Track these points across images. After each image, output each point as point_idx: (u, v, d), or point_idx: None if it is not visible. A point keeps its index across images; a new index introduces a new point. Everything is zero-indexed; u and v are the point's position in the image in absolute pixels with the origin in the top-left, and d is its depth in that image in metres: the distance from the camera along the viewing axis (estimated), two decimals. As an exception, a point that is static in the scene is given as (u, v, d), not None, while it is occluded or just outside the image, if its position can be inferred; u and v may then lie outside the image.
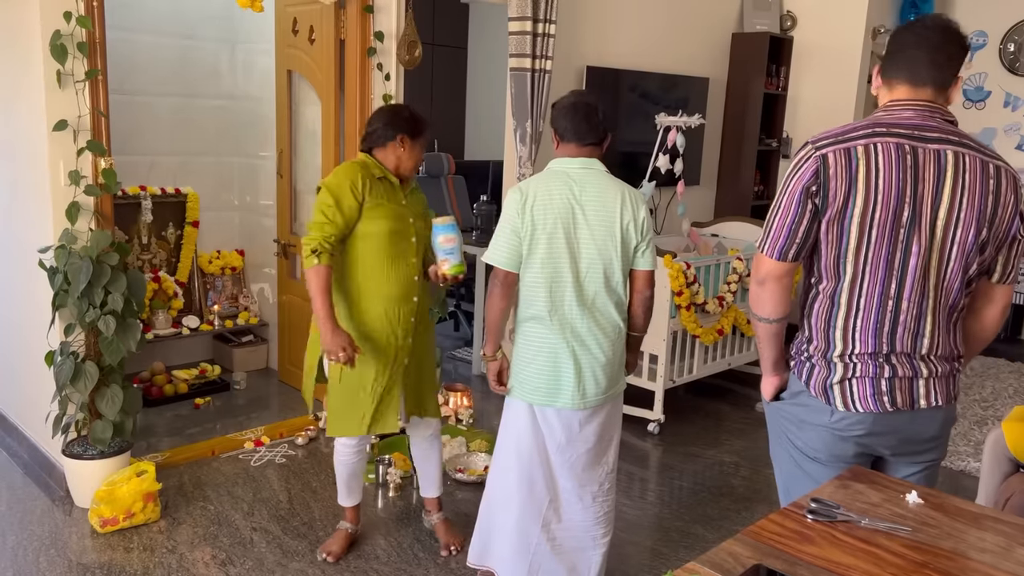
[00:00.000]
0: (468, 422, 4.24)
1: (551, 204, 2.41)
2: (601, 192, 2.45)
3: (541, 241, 2.41)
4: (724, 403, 4.83)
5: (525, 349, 2.51)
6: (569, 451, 2.54)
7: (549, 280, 2.43)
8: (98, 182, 3.17)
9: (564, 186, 2.43)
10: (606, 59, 5.14)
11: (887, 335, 1.85)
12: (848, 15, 5.83)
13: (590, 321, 2.46)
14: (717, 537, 3.23)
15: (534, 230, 2.41)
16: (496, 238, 2.47)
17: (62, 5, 3.00)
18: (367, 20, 3.98)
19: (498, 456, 2.64)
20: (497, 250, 2.46)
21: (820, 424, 1.91)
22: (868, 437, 1.89)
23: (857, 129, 1.80)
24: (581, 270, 2.44)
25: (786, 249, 1.84)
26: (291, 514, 3.27)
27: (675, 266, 4.11)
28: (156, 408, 4.25)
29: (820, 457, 1.94)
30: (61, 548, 2.96)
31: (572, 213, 2.42)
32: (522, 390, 2.52)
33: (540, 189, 2.43)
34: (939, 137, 1.79)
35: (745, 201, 6.13)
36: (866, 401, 1.86)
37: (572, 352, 2.45)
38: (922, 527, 1.55)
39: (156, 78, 4.67)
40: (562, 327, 2.45)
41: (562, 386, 2.47)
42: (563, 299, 2.44)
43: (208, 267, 4.91)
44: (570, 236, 2.42)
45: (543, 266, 2.42)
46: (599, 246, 2.44)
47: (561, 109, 2.51)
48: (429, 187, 6.27)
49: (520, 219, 2.41)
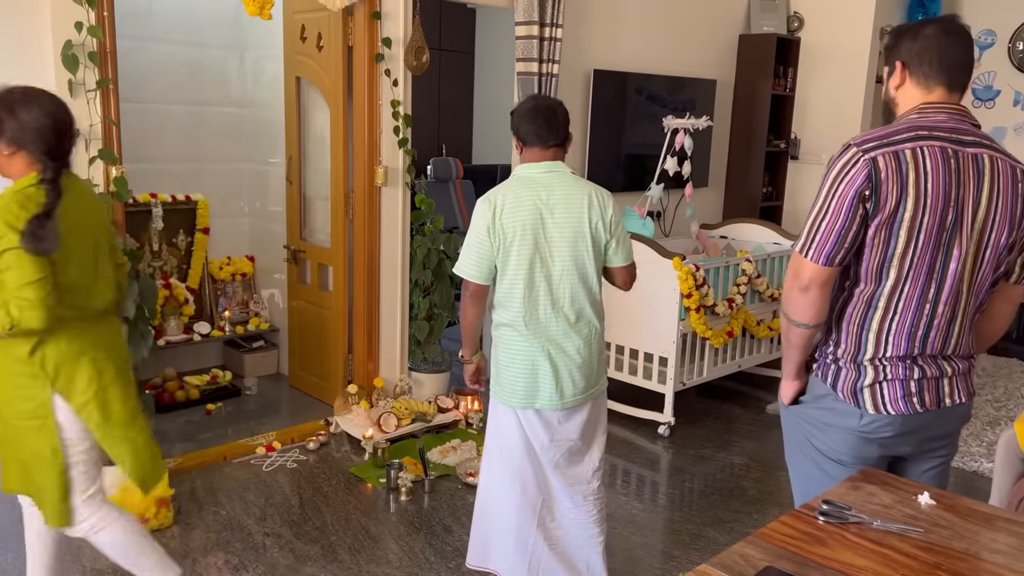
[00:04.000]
0: (479, 426, 4.25)
1: (520, 211, 2.43)
2: (567, 195, 2.47)
3: (513, 249, 2.44)
4: (734, 405, 4.83)
5: (502, 354, 2.55)
6: (552, 450, 2.59)
7: (523, 287, 2.46)
8: (110, 190, 3.20)
9: (531, 192, 2.45)
10: (613, 62, 5.15)
11: (920, 338, 1.86)
12: (855, 15, 5.82)
13: (565, 324, 2.50)
14: (728, 539, 3.23)
15: (505, 239, 2.43)
16: (466, 250, 2.49)
17: (73, 15, 3.03)
18: (375, 26, 4.00)
19: (488, 460, 2.68)
20: (467, 263, 2.48)
21: (846, 427, 1.91)
22: (894, 438, 1.90)
23: (899, 132, 1.79)
24: (554, 274, 2.47)
25: (834, 254, 1.81)
26: (303, 519, 3.29)
27: (684, 268, 4.11)
28: (168, 414, 4.27)
29: (844, 459, 1.94)
30: (75, 554, 2.98)
31: (541, 218, 2.45)
32: (503, 394, 2.57)
33: (508, 197, 2.45)
34: (974, 141, 1.81)
35: (754, 203, 6.12)
36: (897, 403, 1.87)
37: (548, 355, 2.49)
38: (934, 528, 1.55)
39: (166, 86, 4.71)
40: (536, 332, 2.49)
41: (540, 388, 2.51)
42: (537, 304, 2.48)
43: (219, 273, 4.94)
44: (540, 242, 2.45)
45: (516, 273, 2.46)
46: (571, 248, 2.47)
47: (522, 115, 2.52)
48: (437, 191, 6.29)
49: (491, 230, 2.43)
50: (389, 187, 4.17)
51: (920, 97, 1.87)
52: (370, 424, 3.97)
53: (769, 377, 5.14)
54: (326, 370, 4.47)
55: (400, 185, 4.19)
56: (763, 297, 4.65)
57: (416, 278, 4.37)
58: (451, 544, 3.13)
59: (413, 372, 4.43)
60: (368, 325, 4.27)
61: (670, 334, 4.20)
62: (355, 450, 3.93)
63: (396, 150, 4.14)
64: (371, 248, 4.20)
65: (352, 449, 3.95)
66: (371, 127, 4.08)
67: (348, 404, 4.18)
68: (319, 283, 4.51)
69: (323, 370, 4.50)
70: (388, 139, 4.11)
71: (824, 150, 6.05)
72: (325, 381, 4.49)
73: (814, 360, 2.00)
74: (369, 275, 4.22)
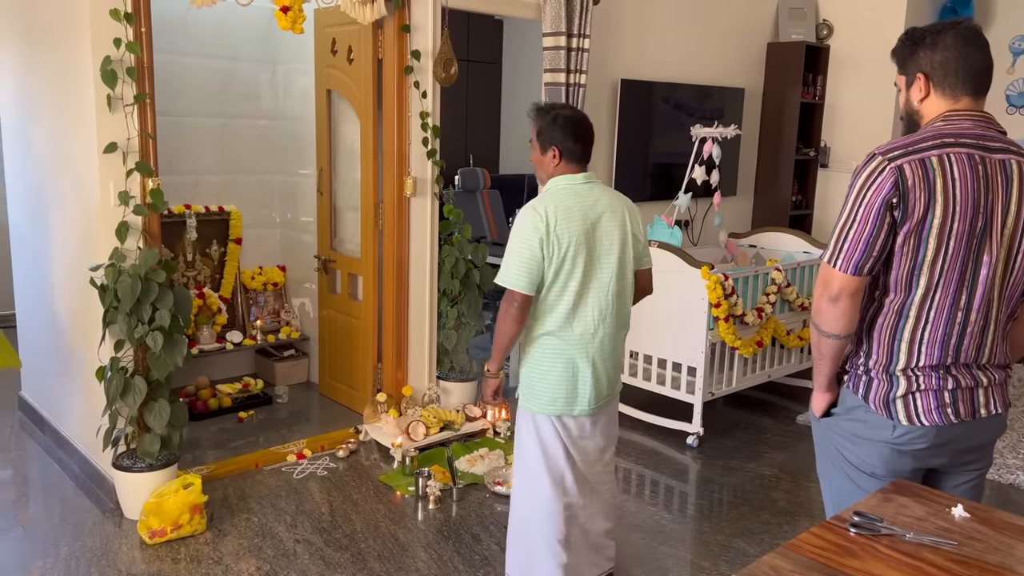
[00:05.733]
0: (506, 435, 4.26)
1: (571, 221, 2.47)
2: (610, 204, 2.57)
3: (567, 259, 2.47)
4: (764, 416, 4.79)
5: (540, 363, 2.57)
6: (582, 452, 2.68)
7: (573, 295, 2.50)
8: (146, 202, 3.26)
9: (578, 202, 2.51)
10: (640, 72, 5.15)
11: (953, 347, 1.84)
12: (885, 22, 5.77)
13: (610, 329, 2.59)
14: (758, 551, 3.20)
15: (559, 249, 2.45)
16: (514, 262, 2.46)
17: (112, 32, 3.10)
18: (404, 39, 4.05)
19: (526, 471, 2.67)
20: (518, 274, 2.45)
21: (879, 439, 1.89)
22: (928, 450, 1.88)
23: (924, 140, 1.79)
24: (603, 282, 2.55)
25: (862, 263, 1.80)
26: (333, 526, 3.32)
27: (713, 278, 4.09)
28: (201, 422, 4.33)
29: (877, 472, 1.92)
30: (112, 559, 3.04)
31: (593, 227, 2.51)
32: (538, 403, 2.59)
33: (559, 208, 2.47)
34: (1001, 147, 1.80)
35: (783, 211, 6.08)
36: (931, 414, 1.85)
37: (592, 361, 2.56)
38: (968, 541, 1.53)
39: (200, 99, 4.80)
40: (582, 338, 2.54)
41: (580, 393, 2.57)
42: (585, 312, 2.54)
43: (250, 283, 5.01)
44: (591, 251, 2.51)
45: (567, 282, 2.50)
46: (617, 256, 2.56)
47: (564, 129, 2.53)
48: (465, 202, 6.33)
49: (544, 241, 2.44)
50: (418, 197, 4.21)
51: (946, 106, 1.86)
52: (399, 432, 4.00)
53: (799, 387, 5.09)
54: (355, 378, 4.52)
55: (429, 195, 4.23)
56: (793, 307, 4.62)
57: (444, 287, 4.40)
58: (479, 553, 3.14)
59: (441, 381, 4.46)
60: (397, 334, 4.31)
61: (699, 344, 4.18)
62: (384, 458, 3.96)
63: (425, 161, 4.18)
64: (400, 258, 4.24)
65: (381, 457, 3.98)
66: (400, 138, 4.12)
67: (377, 412, 4.21)
68: (349, 292, 4.56)
69: (352, 378, 4.55)
70: (417, 150, 4.16)
71: (854, 158, 6.00)
72: (354, 389, 4.53)
73: (845, 372, 1.99)
74: (398, 285, 4.26)
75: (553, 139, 2.54)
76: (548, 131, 2.55)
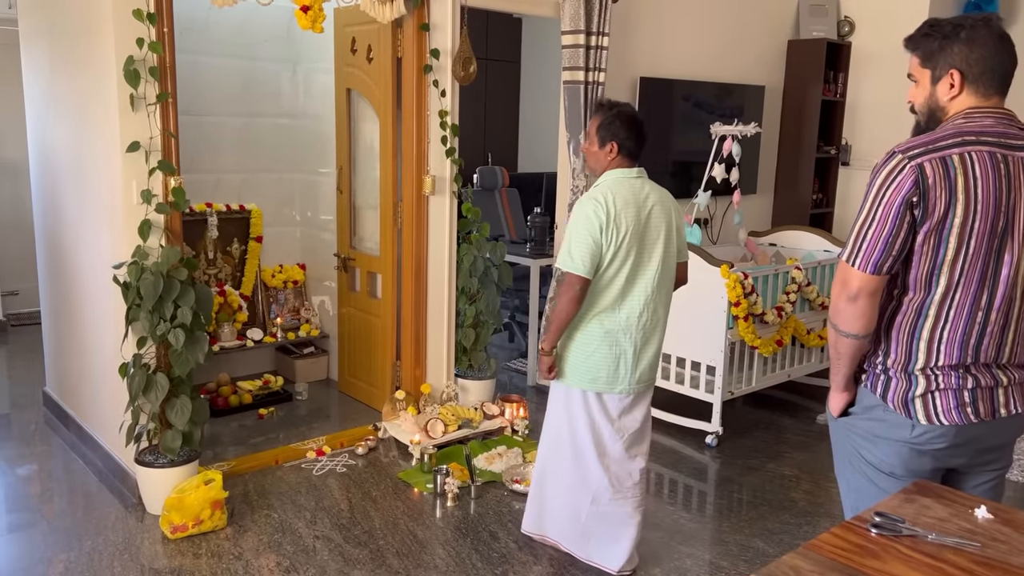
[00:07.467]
0: (524, 433, 4.26)
1: (629, 211, 2.68)
2: (659, 198, 2.79)
3: (624, 246, 2.68)
4: (784, 415, 4.76)
5: (587, 344, 2.77)
6: (616, 435, 2.85)
7: (624, 281, 2.71)
8: (168, 200, 3.29)
9: (633, 194, 2.72)
10: (659, 70, 5.13)
11: (972, 346, 1.82)
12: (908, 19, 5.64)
13: (655, 315, 2.79)
14: (777, 551, 3.18)
15: (618, 236, 2.66)
16: (576, 247, 2.66)
17: (135, 32, 3.13)
18: (423, 38, 4.06)
19: (550, 436, 2.96)
20: (580, 259, 2.66)
21: (898, 439, 1.88)
22: (947, 450, 1.87)
23: (945, 138, 1.76)
24: (652, 269, 2.74)
25: (882, 262, 1.79)
26: (352, 523, 3.34)
27: (732, 276, 4.07)
28: (222, 418, 4.37)
29: (896, 472, 1.90)
30: (134, 553, 3.07)
31: (647, 217, 2.73)
32: (580, 379, 2.80)
33: (618, 198, 2.68)
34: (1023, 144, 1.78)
35: (804, 209, 6.03)
36: (950, 413, 1.83)
37: (635, 344, 2.76)
38: (992, 543, 1.51)
39: (221, 98, 4.83)
40: (627, 320, 2.74)
41: (620, 374, 2.78)
42: (633, 297, 2.74)
43: (271, 281, 5.04)
44: (644, 239, 2.72)
45: (620, 268, 2.70)
46: (664, 245, 2.76)
47: (625, 124, 2.74)
48: (483, 200, 6.33)
49: (604, 228, 2.64)
50: (437, 196, 4.22)
51: (974, 104, 1.82)
52: (417, 430, 4.01)
53: (819, 387, 5.06)
54: (374, 376, 4.54)
55: (447, 194, 4.24)
56: (813, 306, 4.58)
57: (463, 285, 4.41)
58: (497, 551, 3.15)
59: (459, 379, 4.47)
60: (416, 332, 4.32)
61: (718, 343, 4.16)
62: (403, 455, 3.98)
63: (443, 159, 4.19)
64: (419, 256, 4.25)
65: (400, 454, 4.00)
66: (419, 137, 4.13)
67: (396, 410, 4.23)
68: (368, 290, 4.58)
69: (371, 376, 4.57)
70: (436, 149, 4.17)
71: (876, 155, 5.91)
72: (373, 387, 4.55)
73: (863, 371, 1.97)
74: (417, 283, 4.27)
75: (613, 135, 2.74)
76: (608, 127, 2.75)
